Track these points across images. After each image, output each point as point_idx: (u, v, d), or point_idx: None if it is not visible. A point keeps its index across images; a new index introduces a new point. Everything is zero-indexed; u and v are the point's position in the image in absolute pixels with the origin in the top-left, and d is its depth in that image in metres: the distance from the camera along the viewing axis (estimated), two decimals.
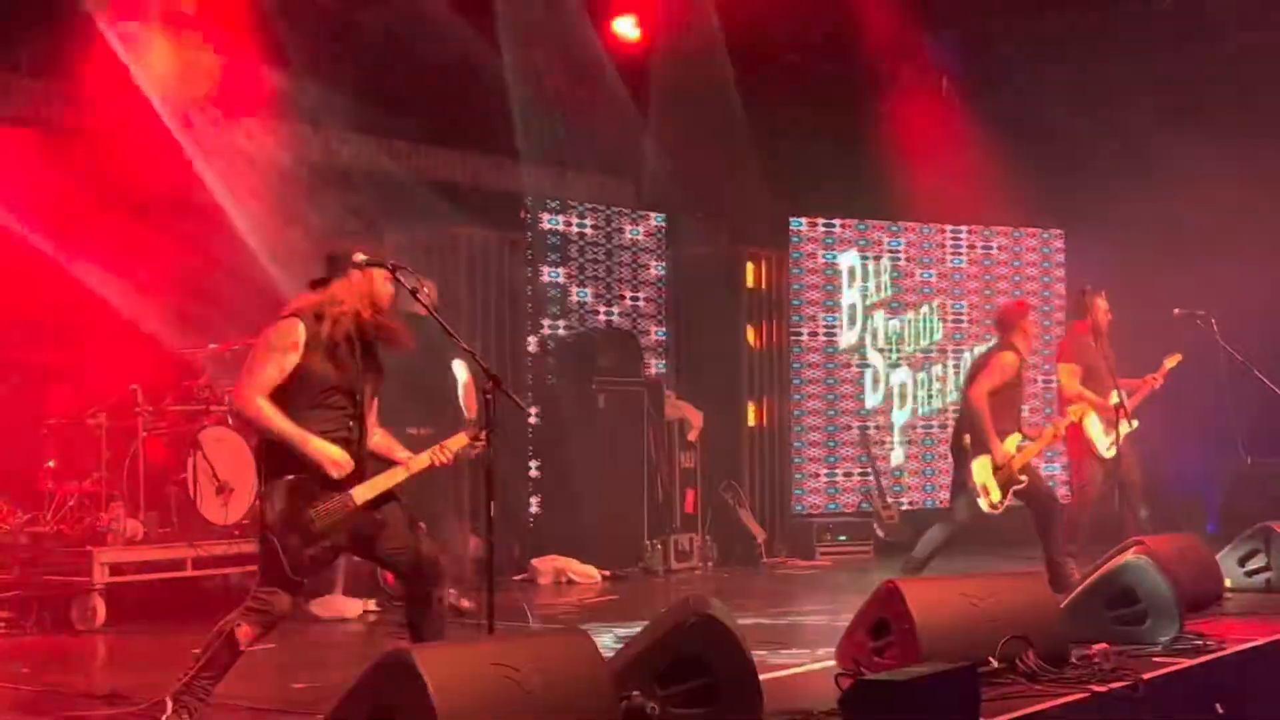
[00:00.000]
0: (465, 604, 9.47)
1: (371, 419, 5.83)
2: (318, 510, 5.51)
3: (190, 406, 9.64)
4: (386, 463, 5.85)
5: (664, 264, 13.25)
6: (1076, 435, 10.08)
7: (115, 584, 8.88)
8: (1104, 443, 10.06)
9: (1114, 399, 9.95)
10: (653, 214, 13.18)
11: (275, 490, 5.54)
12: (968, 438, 9.62)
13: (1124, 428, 10.12)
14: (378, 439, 5.86)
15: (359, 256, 5.72)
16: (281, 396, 5.54)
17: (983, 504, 9.46)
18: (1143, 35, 13.03)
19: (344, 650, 7.77)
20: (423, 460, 5.82)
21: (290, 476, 5.51)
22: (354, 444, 5.67)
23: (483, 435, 5.88)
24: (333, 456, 5.53)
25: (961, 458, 9.63)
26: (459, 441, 5.90)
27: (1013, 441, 9.47)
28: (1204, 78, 12.75)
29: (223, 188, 10.20)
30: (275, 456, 5.56)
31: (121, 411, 9.33)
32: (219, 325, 9.46)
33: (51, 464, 9.44)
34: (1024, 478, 9.45)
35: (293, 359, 5.54)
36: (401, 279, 5.75)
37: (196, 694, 5.55)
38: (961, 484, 9.64)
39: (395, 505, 5.75)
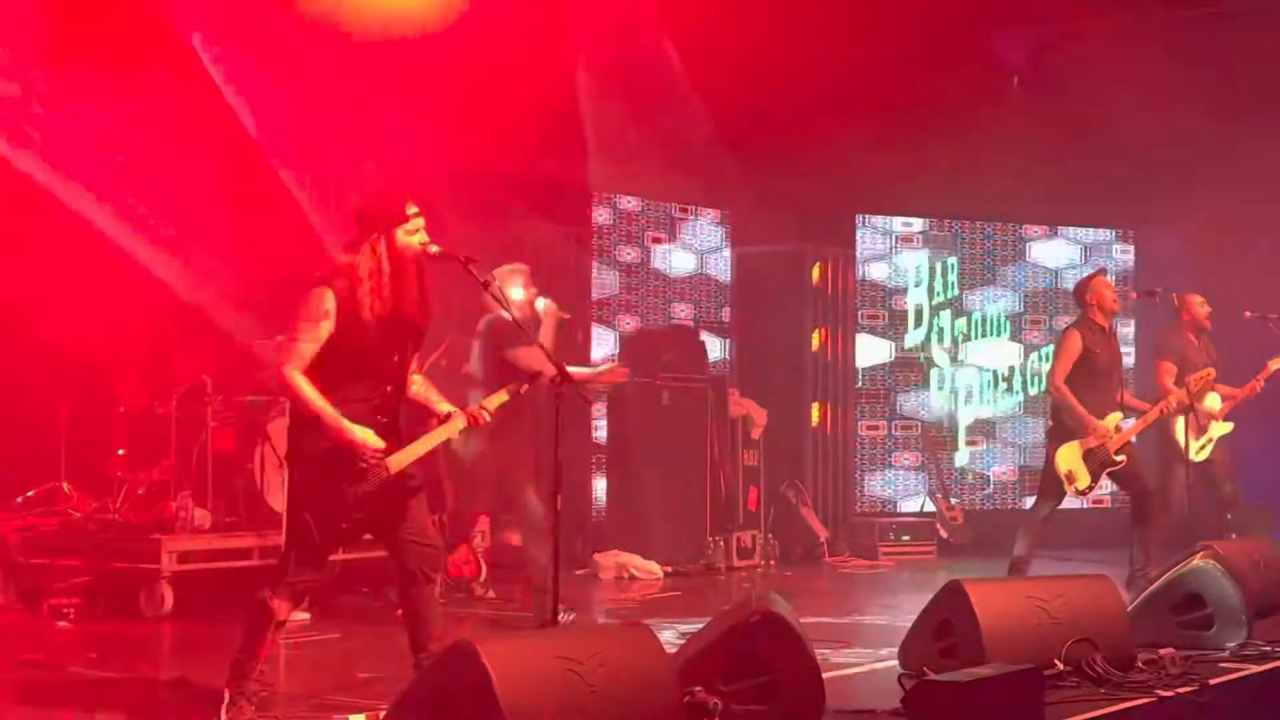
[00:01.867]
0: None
1: (411, 367, 5.75)
2: (353, 480, 5.46)
3: (259, 397, 9.71)
4: (423, 412, 5.81)
5: (729, 260, 13.23)
6: (1165, 436, 9.95)
7: (183, 572, 8.96)
8: (1194, 445, 9.91)
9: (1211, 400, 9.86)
10: (718, 209, 13.16)
11: (307, 461, 5.52)
12: (1050, 424, 9.53)
13: (1218, 429, 10.02)
14: (417, 387, 5.79)
15: (433, 248, 5.68)
16: (315, 365, 5.48)
17: (1069, 491, 9.31)
18: (1210, 32, 12.87)
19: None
20: (458, 422, 5.76)
21: (323, 446, 5.46)
22: (387, 411, 5.61)
23: (524, 388, 5.87)
24: (364, 441, 5.45)
25: (1050, 447, 9.50)
26: (499, 398, 5.84)
27: (1112, 420, 9.23)
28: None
29: (295, 182, 10.29)
30: (306, 427, 5.51)
31: (191, 401, 9.41)
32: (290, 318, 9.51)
33: (121, 452, 9.55)
34: (1122, 458, 9.19)
35: (326, 327, 5.46)
36: (474, 272, 5.74)
37: (249, 678, 5.57)
38: (1047, 474, 9.51)
39: (421, 497, 5.71)
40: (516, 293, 8.12)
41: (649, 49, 12.11)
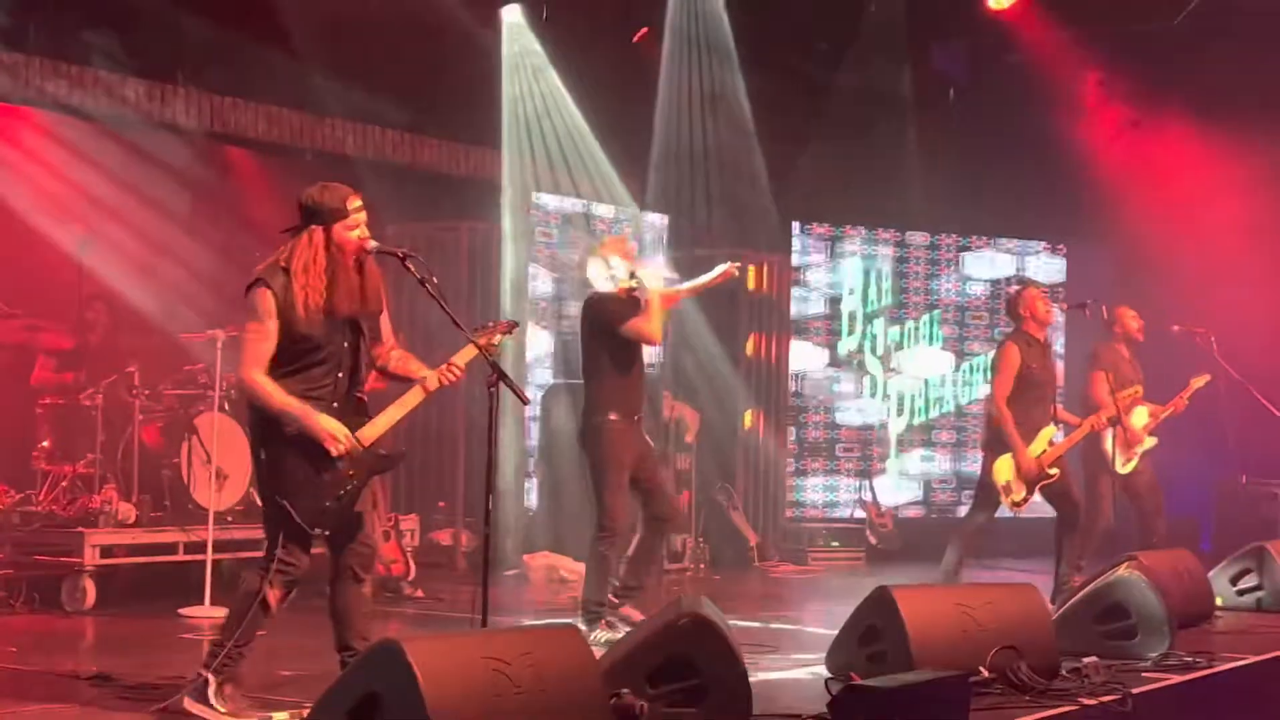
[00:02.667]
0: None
1: (382, 347, 5.79)
2: (326, 461, 5.48)
3: (188, 391, 9.63)
4: (406, 383, 5.81)
5: (666, 264, 13.22)
6: (1092, 449, 10.01)
7: (106, 566, 8.87)
8: (1120, 458, 9.99)
9: (1139, 416, 9.94)
10: (655, 214, 13.16)
11: (279, 449, 5.51)
12: (987, 435, 9.56)
13: (1146, 444, 10.11)
14: (395, 360, 5.81)
15: (372, 244, 5.66)
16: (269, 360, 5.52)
17: (1005, 503, 9.34)
18: (1151, 51, 13.04)
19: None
20: (430, 382, 5.72)
21: (288, 433, 5.47)
22: (342, 397, 5.63)
23: (495, 338, 5.83)
24: (333, 431, 5.47)
25: (987, 457, 9.54)
26: (468, 354, 5.78)
27: (1045, 435, 9.20)
28: (1219, 93, 12.75)
29: (227, 172, 10.23)
30: (266, 419, 5.53)
31: (118, 393, 9.32)
32: (221, 310, 9.44)
33: (45, 444, 9.43)
34: (1055, 471, 9.18)
35: (273, 325, 5.49)
36: (412, 268, 5.72)
37: (235, 663, 5.58)
38: (983, 484, 9.54)
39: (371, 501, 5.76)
40: (617, 263, 8.03)
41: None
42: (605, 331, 7.97)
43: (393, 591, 9.57)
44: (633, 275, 8.03)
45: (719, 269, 8.49)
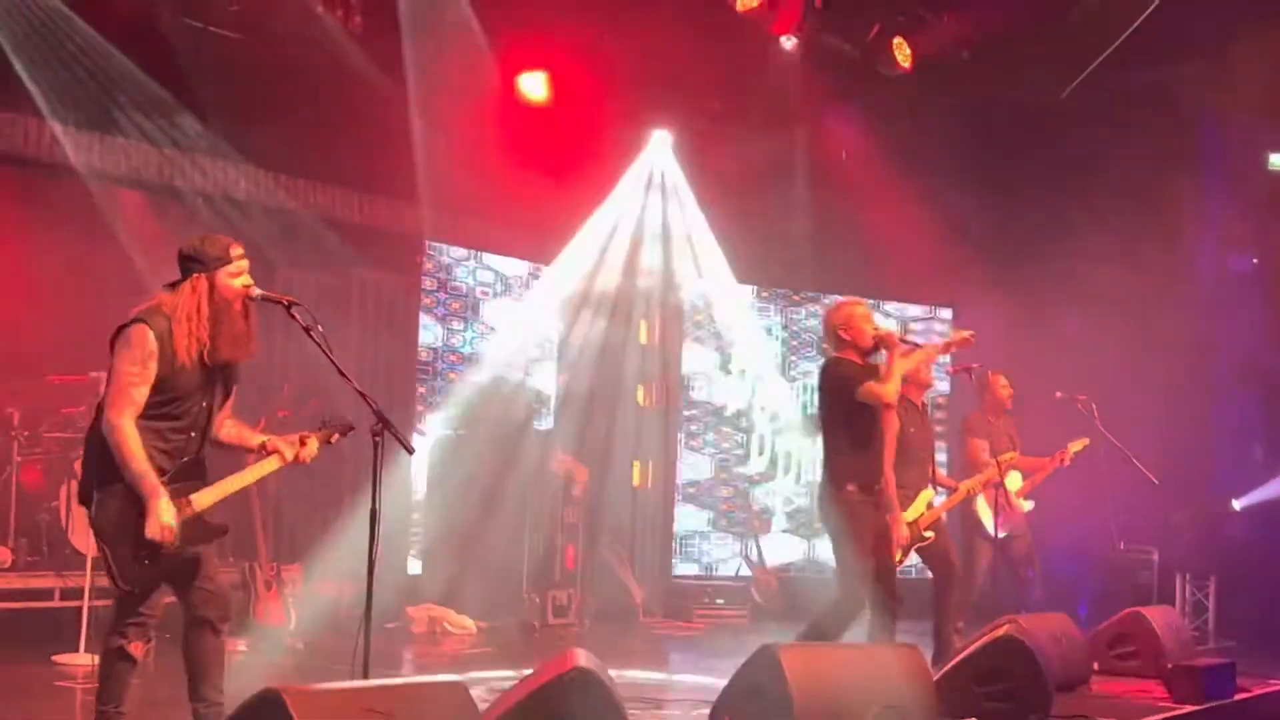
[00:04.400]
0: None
1: (223, 414, 5.67)
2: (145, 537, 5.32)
3: (68, 434, 9.46)
4: (234, 452, 5.74)
5: (557, 317, 13.25)
6: (968, 514, 10.14)
7: None
8: (993, 522, 10.10)
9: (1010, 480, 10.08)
10: (548, 265, 13.18)
11: (109, 495, 5.38)
12: None
13: (1023, 507, 10.26)
14: (229, 430, 5.69)
15: (256, 291, 5.63)
16: None
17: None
18: (1041, 119, 13.32)
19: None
20: (271, 463, 5.65)
21: (125, 483, 5.35)
22: (193, 458, 5.54)
23: (334, 438, 5.75)
24: (163, 520, 5.32)
25: None
26: (314, 446, 5.71)
27: (924, 498, 9.19)
28: (1098, 164, 13.05)
29: (114, 213, 10.08)
30: (106, 463, 5.39)
31: None
32: (103, 353, 9.29)
33: None
34: (931, 534, 9.17)
35: (153, 367, 5.39)
36: (297, 316, 5.66)
37: None
38: None
39: (213, 545, 5.65)
40: (856, 326, 7.76)
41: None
42: (841, 398, 7.71)
43: (273, 642, 9.43)
44: (875, 341, 7.74)
45: (961, 334, 8.37)
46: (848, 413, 7.69)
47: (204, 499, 5.51)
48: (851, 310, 7.86)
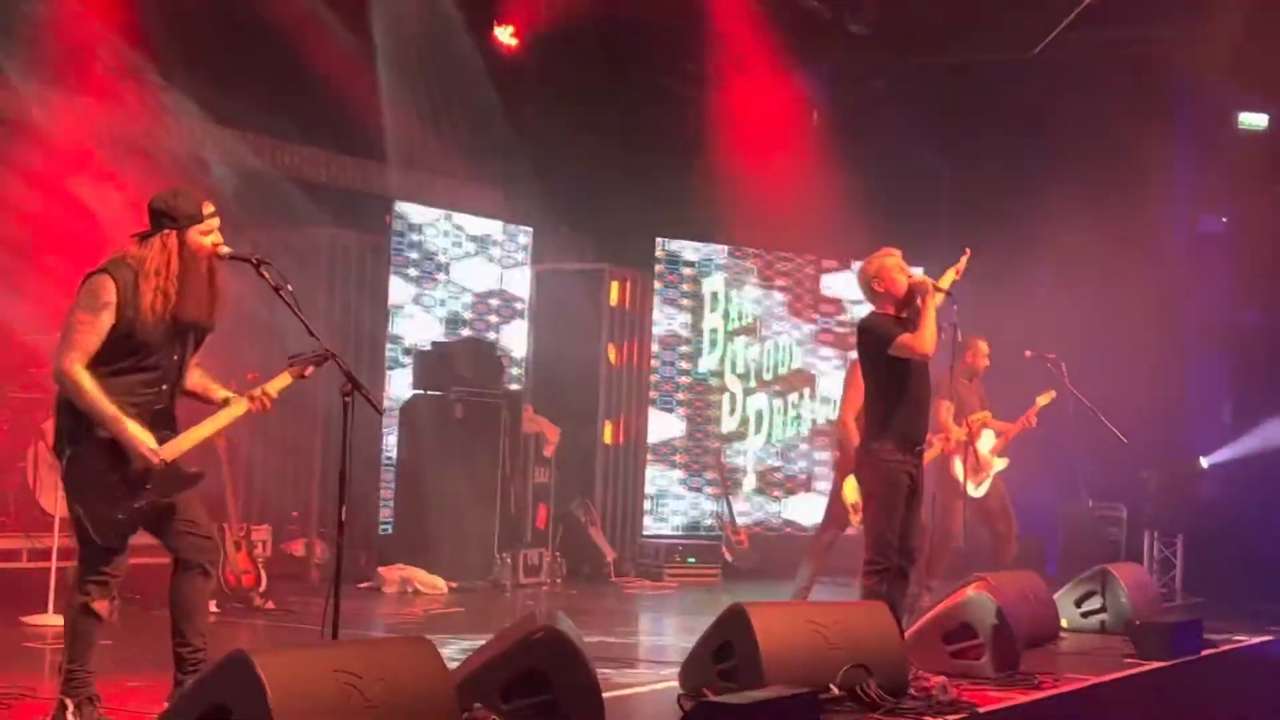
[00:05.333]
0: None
1: (191, 363, 5.61)
2: (127, 473, 5.32)
3: (34, 394, 9.39)
4: (200, 401, 5.68)
5: (528, 277, 13.22)
6: (943, 474, 10.16)
7: None
8: (972, 481, 10.15)
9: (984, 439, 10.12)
10: (519, 226, 13.14)
11: (79, 452, 5.34)
12: (838, 455, 9.62)
13: (994, 466, 10.29)
14: (194, 379, 5.64)
15: (225, 250, 5.58)
16: (94, 357, 5.33)
17: (852, 521, 9.42)
18: (1004, 79, 13.31)
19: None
20: (239, 408, 5.59)
21: (97, 435, 5.31)
22: (164, 409, 5.50)
23: (308, 370, 5.70)
24: (144, 446, 5.31)
25: (836, 476, 9.62)
26: (281, 382, 5.64)
27: None
28: (1068, 123, 13.06)
29: (79, 174, 10.00)
30: (78, 416, 5.34)
31: None
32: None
33: None
34: None
35: (106, 319, 5.32)
36: (266, 275, 5.62)
37: (86, 682, 5.42)
38: (832, 502, 9.61)
39: (196, 489, 5.59)
40: (890, 277, 7.54)
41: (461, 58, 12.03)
42: (875, 354, 7.51)
43: (242, 603, 9.42)
44: (910, 290, 7.52)
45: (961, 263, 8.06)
46: (883, 368, 7.48)
47: (174, 447, 5.47)
48: (883, 262, 7.65)
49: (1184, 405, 13.31)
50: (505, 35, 12.45)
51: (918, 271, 7.86)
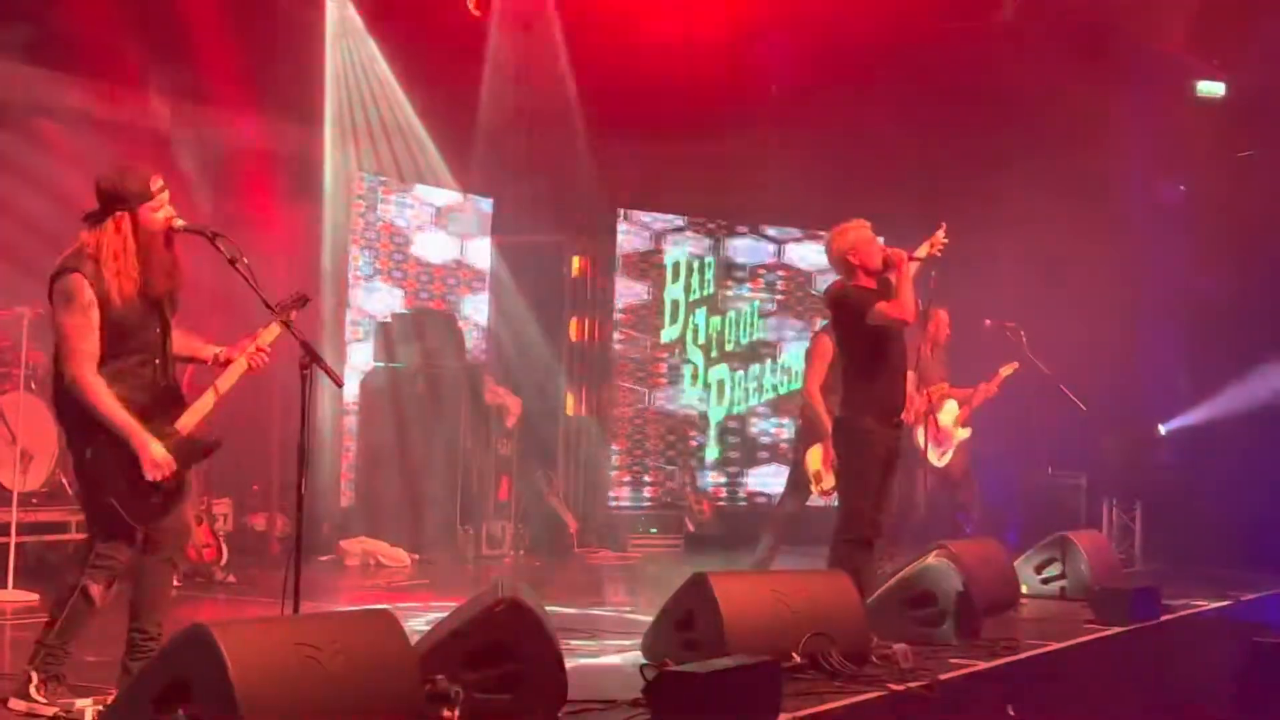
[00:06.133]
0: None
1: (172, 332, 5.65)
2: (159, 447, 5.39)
3: None
4: (196, 364, 5.77)
5: (489, 248, 13.18)
6: (905, 443, 10.19)
7: None
8: (934, 451, 10.20)
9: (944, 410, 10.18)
10: (479, 197, 13.09)
11: (100, 448, 5.38)
12: (801, 424, 9.65)
13: (957, 435, 10.35)
14: (179, 342, 5.67)
15: (178, 222, 5.56)
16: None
17: (814, 491, 9.47)
18: (969, 45, 13.30)
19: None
20: (238, 368, 5.63)
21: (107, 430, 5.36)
22: (167, 385, 5.56)
23: (292, 315, 5.68)
24: (156, 457, 5.37)
25: (799, 447, 9.66)
26: (270, 334, 5.66)
27: None
28: (1026, 91, 13.06)
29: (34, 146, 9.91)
30: (86, 413, 5.38)
31: None
32: (27, 286, 9.14)
33: None
34: None
35: (95, 315, 5.35)
36: (221, 247, 5.59)
37: (59, 660, 5.46)
38: (795, 472, 9.66)
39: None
40: (862, 248, 7.52)
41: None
42: (851, 325, 7.49)
43: (204, 577, 9.39)
44: (884, 261, 7.48)
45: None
46: (860, 339, 7.47)
47: (187, 421, 5.54)
48: (858, 234, 7.63)
49: (1142, 373, 13.37)
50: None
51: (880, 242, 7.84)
